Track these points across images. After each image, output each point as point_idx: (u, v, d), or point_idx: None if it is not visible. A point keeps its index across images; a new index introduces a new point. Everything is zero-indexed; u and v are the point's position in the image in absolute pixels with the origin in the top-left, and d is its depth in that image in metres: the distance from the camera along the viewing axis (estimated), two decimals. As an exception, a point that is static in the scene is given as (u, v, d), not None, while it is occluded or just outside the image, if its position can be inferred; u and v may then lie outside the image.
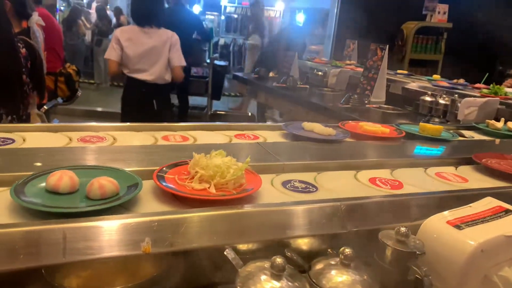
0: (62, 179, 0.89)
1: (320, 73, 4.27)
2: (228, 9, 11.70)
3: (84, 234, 0.74)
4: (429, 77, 3.81)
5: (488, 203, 0.98)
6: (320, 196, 1.05)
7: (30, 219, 0.79)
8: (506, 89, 2.94)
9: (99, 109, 6.83)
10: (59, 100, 3.73)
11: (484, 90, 2.93)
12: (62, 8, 9.39)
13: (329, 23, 7.43)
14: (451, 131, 1.95)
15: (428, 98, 2.81)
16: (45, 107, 3.14)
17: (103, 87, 9.00)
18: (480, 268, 0.84)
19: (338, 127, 1.78)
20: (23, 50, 2.19)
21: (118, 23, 9.33)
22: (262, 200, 1.00)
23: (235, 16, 11.61)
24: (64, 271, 0.88)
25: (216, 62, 6.47)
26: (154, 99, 3.37)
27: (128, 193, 0.89)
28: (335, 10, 7.28)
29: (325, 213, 0.92)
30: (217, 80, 6.26)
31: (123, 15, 9.84)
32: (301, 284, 0.74)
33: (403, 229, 0.82)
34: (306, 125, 1.71)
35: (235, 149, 1.42)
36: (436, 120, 2.55)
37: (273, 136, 1.68)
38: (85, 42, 9.35)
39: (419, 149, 1.66)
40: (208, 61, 6.45)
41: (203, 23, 6.53)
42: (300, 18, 7.96)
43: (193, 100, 6.29)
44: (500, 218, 0.92)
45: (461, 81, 3.58)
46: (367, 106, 3.03)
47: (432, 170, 1.37)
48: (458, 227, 0.86)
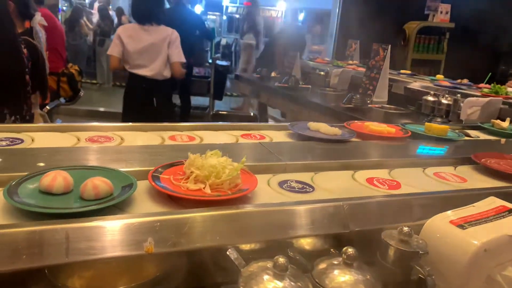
0: (56, 179, 0.88)
1: (322, 73, 4.26)
2: (229, 9, 11.72)
3: (87, 234, 0.74)
4: (433, 77, 3.80)
5: (492, 203, 0.98)
6: (316, 196, 1.05)
7: (24, 220, 0.78)
8: (509, 89, 2.93)
9: (101, 109, 6.84)
10: (62, 100, 3.74)
11: (485, 90, 2.92)
12: (64, 8, 9.41)
13: (331, 23, 7.42)
14: (457, 131, 1.95)
15: (430, 98, 2.80)
16: (48, 107, 3.15)
17: (105, 87, 9.02)
18: (483, 268, 0.83)
19: (344, 127, 1.78)
20: (25, 51, 2.20)
21: (120, 23, 9.34)
22: (257, 200, 0.99)
23: (237, 16, 11.62)
24: (67, 271, 0.88)
25: (218, 62, 6.47)
26: (154, 95, 3.47)
27: (122, 194, 0.89)
28: (337, 10, 7.28)
29: (327, 213, 0.92)
30: (219, 80, 6.26)
31: (125, 15, 9.85)
32: (303, 284, 0.74)
33: (406, 229, 0.82)
34: (312, 125, 1.71)
35: (236, 149, 1.42)
36: (439, 120, 2.54)
37: (279, 136, 1.68)
38: (87, 42, 9.37)
39: (424, 149, 1.66)
40: (210, 61, 6.45)
41: (205, 23, 6.54)
42: (301, 17, 7.95)
43: (195, 100, 6.30)
44: (504, 217, 0.92)
45: (465, 81, 3.57)
46: (369, 106, 3.03)
47: (431, 170, 1.36)
48: (461, 226, 0.86)
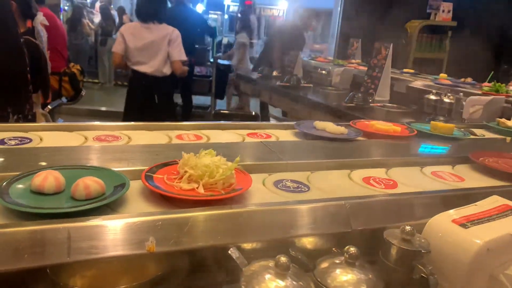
0: (47, 179, 0.87)
1: (324, 72, 4.26)
2: (231, 8, 11.71)
3: (89, 233, 0.74)
4: (436, 76, 3.79)
5: (494, 202, 0.97)
6: (312, 196, 1.04)
7: (14, 220, 0.78)
8: (511, 87, 2.92)
9: (103, 108, 6.86)
10: (63, 99, 3.74)
11: (486, 88, 2.91)
12: (66, 8, 9.43)
13: (332, 22, 7.41)
14: (462, 130, 1.94)
15: (432, 97, 2.79)
16: (50, 107, 3.15)
17: (107, 86, 9.04)
18: (486, 267, 0.83)
19: (350, 126, 1.78)
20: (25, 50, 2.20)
21: (121, 22, 9.35)
22: (251, 200, 0.99)
23: (239, 15, 11.60)
24: (69, 271, 0.88)
25: (220, 61, 6.47)
26: (154, 92, 3.62)
27: (114, 193, 0.88)
28: (339, 9, 7.27)
29: (329, 212, 0.92)
30: (220, 79, 6.26)
31: (126, 14, 9.87)
32: (305, 283, 0.74)
33: (408, 228, 0.82)
34: (318, 124, 1.70)
35: (237, 148, 1.43)
36: (441, 118, 2.53)
37: (285, 135, 1.68)
38: (89, 42, 9.39)
39: (427, 148, 1.65)
40: (212, 60, 6.45)
41: (207, 21, 6.55)
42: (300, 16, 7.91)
43: (196, 100, 6.29)
44: (506, 216, 0.91)
45: (469, 79, 3.55)
46: (371, 105, 3.02)
47: (429, 169, 1.35)
48: (464, 225, 0.86)
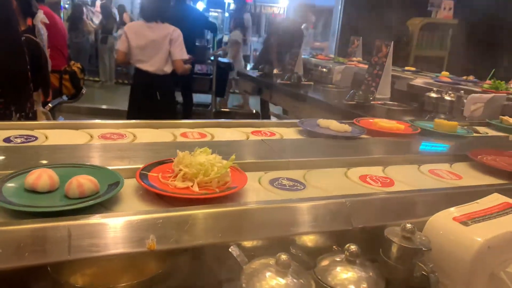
0: (40, 177, 0.87)
1: (324, 69, 4.25)
2: (232, 6, 11.69)
3: (89, 231, 0.74)
4: (438, 74, 3.78)
5: (495, 200, 0.97)
6: (308, 194, 1.04)
7: (8, 219, 0.78)
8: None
9: (104, 106, 6.86)
10: (64, 98, 3.74)
11: (485, 85, 2.91)
12: (66, 6, 9.43)
13: (333, 20, 7.40)
14: (465, 127, 1.94)
15: (433, 95, 2.79)
16: (50, 105, 3.14)
17: (108, 84, 9.03)
18: (487, 265, 0.83)
19: (354, 124, 1.78)
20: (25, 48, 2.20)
21: (122, 21, 9.35)
22: (246, 198, 0.98)
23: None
24: (69, 268, 0.88)
25: (220, 59, 6.47)
26: (156, 89, 3.71)
27: (108, 192, 0.88)
28: (339, 7, 7.25)
29: (330, 210, 0.92)
30: (220, 77, 6.26)
31: (126, 12, 9.87)
32: (306, 281, 0.74)
33: (409, 226, 0.82)
34: (322, 122, 1.70)
35: (237, 146, 1.42)
36: (442, 116, 2.53)
37: (289, 133, 1.68)
38: (89, 40, 9.38)
39: (427, 146, 1.65)
40: (212, 58, 6.45)
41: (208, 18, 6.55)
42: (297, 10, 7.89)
43: (197, 97, 6.30)
44: (507, 214, 0.91)
45: (471, 78, 3.55)
46: (372, 102, 3.02)
47: (427, 167, 1.35)
48: (465, 223, 0.86)
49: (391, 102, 3.11)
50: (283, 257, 0.73)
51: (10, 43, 2.06)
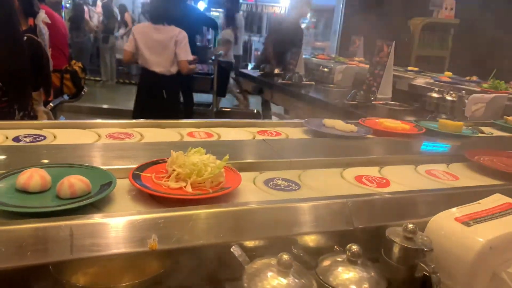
0: (32, 178, 0.87)
1: (326, 69, 4.25)
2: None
3: (91, 230, 0.74)
4: (441, 74, 3.77)
5: (497, 200, 0.97)
6: (302, 194, 1.04)
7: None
8: None
9: (105, 106, 6.86)
10: (65, 97, 3.75)
11: (485, 85, 2.91)
12: (67, 6, 9.43)
13: (334, 19, 7.40)
14: (470, 127, 1.94)
15: (435, 95, 2.79)
16: (51, 104, 3.15)
17: (109, 84, 9.03)
18: (488, 265, 0.83)
19: (359, 123, 1.78)
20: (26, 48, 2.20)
21: (123, 20, 9.35)
22: (239, 199, 0.98)
23: (240, 12, 11.58)
24: (71, 268, 0.88)
25: (221, 59, 6.46)
26: (162, 89, 3.81)
27: (100, 192, 0.87)
28: (341, 6, 7.25)
29: (331, 210, 0.92)
30: (222, 77, 6.25)
31: (127, 12, 9.87)
32: (308, 281, 0.74)
33: (410, 226, 0.82)
34: (327, 122, 1.70)
35: (237, 145, 1.42)
36: (443, 116, 2.52)
37: (295, 132, 1.68)
38: (91, 40, 9.39)
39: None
40: (213, 58, 6.44)
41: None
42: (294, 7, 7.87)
43: (198, 97, 6.29)
44: (509, 215, 0.91)
45: (474, 78, 3.54)
46: (373, 102, 3.02)
47: (424, 167, 1.34)
48: (467, 224, 0.86)
49: (392, 102, 3.11)
50: (285, 257, 0.73)
51: (11, 42, 2.07)
